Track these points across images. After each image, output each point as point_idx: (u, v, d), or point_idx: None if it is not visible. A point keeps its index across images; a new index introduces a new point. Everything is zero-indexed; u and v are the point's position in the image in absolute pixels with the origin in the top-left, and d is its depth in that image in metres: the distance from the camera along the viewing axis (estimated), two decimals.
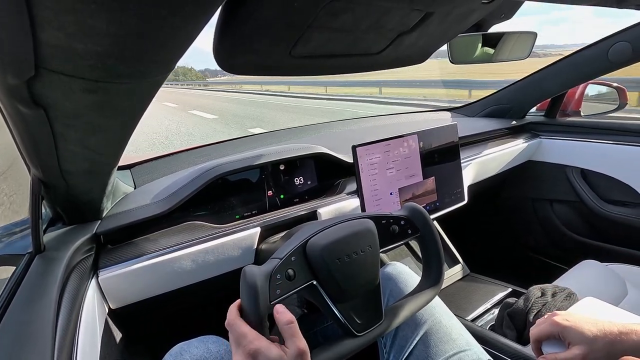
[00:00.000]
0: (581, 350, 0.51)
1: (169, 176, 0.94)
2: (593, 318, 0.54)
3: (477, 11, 0.51)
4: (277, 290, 0.46)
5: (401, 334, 0.65)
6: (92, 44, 0.30)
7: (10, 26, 0.27)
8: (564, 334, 0.53)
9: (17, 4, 0.25)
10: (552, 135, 1.47)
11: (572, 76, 1.30)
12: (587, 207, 1.36)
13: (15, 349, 0.44)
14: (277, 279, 0.47)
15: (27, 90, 0.36)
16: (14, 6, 0.25)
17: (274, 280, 0.46)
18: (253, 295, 0.44)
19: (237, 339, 0.43)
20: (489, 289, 1.16)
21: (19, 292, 0.54)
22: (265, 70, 0.49)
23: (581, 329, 0.52)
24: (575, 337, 0.52)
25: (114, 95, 0.40)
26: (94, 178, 0.64)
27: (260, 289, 0.45)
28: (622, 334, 0.50)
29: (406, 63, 0.61)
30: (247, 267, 0.46)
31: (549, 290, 0.87)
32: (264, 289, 0.45)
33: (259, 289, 0.45)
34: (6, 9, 0.26)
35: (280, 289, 0.47)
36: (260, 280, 0.45)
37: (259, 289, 0.44)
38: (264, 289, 0.45)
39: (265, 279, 0.46)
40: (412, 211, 0.60)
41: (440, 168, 1.08)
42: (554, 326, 0.55)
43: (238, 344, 0.43)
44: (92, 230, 0.71)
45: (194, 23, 0.31)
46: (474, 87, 9.22)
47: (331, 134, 1.34)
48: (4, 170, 1.02)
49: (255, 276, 0.45)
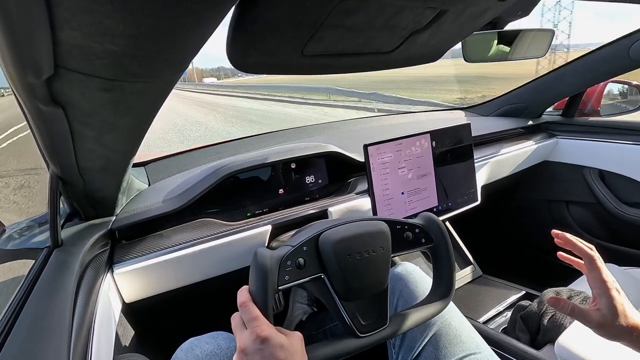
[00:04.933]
0: (603, 319, 0.51)
1: (182, 174, 0.95)
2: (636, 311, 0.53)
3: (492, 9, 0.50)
4: (286, 276, 0.47)
5: (410, 334, 0.65)
6: (108, 43, 0.31)
7: (30, 26, 0.28)
8: (602, 296, 0.53)
9: (38, 4, 0.26)
10: (569, 135, 1.43)
11: (591, 74, 1.26)
12: (605, 209, 1.33)
13: (33, 339, 0.46)
14: (288, 265, 0.47)
15: (46, 89, 0.37)
16: (34, 6, 0.26)
17: (284, 266, 0.47)
18: (262, 276, 0.44)
19: (248, 321, 0.43)
20: (502, 291, 1.14)
21: (37, 285, 0.55)
22: (277, 69, 0.49)
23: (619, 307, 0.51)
24: (609, 308, 0.52)
25: (128, 94, 0.41)
26: (110, 175, 0.65)
27: (270, 271, 0.45)
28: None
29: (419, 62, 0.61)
30: (259, 249, 0.47)
31: (564, 293, 0.85)
32: (273, 272, 0.45)
33: (269, 271, 0.45)
34: (27, 9, 0.26)
35: (290, 275, 0.47)
36: (271, 263, 0.45)
37: (268, 271, 0.45)
38: (273, 272, 0.45)
39: (276, 263, 0.46)
40: (428, 221, 0.60)
41: (453, 168, 1.06)
42: (602, 284, 0.53)
43: (247, 325, 0.43)
44: (108, 226, 0.73)
45: (207, 23, 0.32)
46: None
47: (342, 133, 1.34)
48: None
49: (266, 258, 0.45)
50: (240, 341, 0.42)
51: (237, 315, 0.45)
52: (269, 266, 0.45)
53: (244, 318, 0.44)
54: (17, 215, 3.24)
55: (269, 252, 0.47)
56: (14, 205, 3.49)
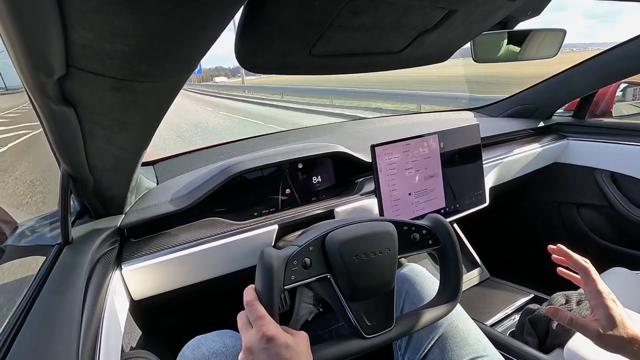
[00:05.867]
0: (602, 330, 0.51)
1: (190, 173, 0.96)
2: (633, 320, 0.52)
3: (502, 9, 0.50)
4: (292, 276, 0.47)
5: (416, 336, 0.65)
6: (119, 43, 0.31)
7: (43, 27, 0.28)
8: (599, 307, 0.53)
9: (50, 5, 0.26)
10: (580, 136, 1.41)
11: (603, 75, 1.24)
12: (617, 212, 1.31)
13: (44, 334, 0.46)
14: (294, 265, 0.47)
15: (58, 88, 0.37)
16: (47, 7, 0.27)
17: (291, 266, 0.47)
18: (268, 275, 0.45)
19: (254, 320, 0.43)
20: (509, 294, 1.13)
21: (48, 281, 0.56)
22: (286, 70, 0.49)
23: (617, 318, 0.51)
24: (606, 319, 0.51)
25: (138, 94, 0.41)
26: (119, 173, 0.66)
27: (276, 270, 0.45)
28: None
29: (427, 62, 0.60)
30: (265, 248, 0.47)
31: (574, 297, 0.84)
32: (279, 271, 0.45)
33: (275, 270, 0.45)
34: (40, 10, 0.27)
35: (295, 275, 0.47)
36: (277, 262, 0.46)
37: (275, 270, 0.45)
38: (279, 272, 0.45)
39: (282, 262, 0.46)
40: (435, 222, 0.59)
41: (461, 169, 1.05)
42: (598, 295, 0.53)
43: (253, 324, 0.43)
44: (117, 224, 0.73)
45: (215, 23, 0.32)
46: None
47: (350, 133, 1.33)
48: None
49: (273, 257, 0.46)
50: (246, 340, 0.43)
51: (244, 314, 0.45)
52: (275, 265, 0.45)
53: (250, 317, 0.44)
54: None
55: (275, 251, 0.47)
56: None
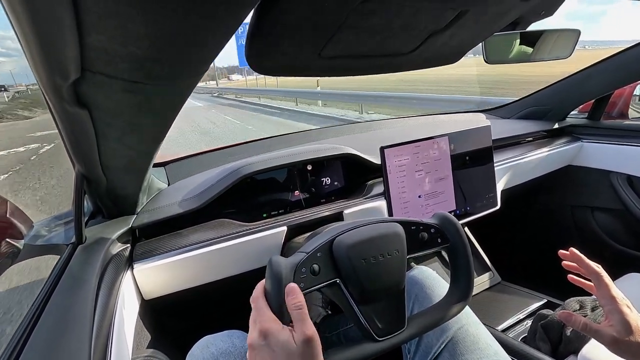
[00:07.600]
0: (617, 336, 0.50)
1: (201, 174, 0.97)
2: None
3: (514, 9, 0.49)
4: (301, 283, 0.47)
5: (426, 339, 0.64)
6: (132, 47, 0.32)
7: (59, 31, 0.29)
8: (613, 312, 0.51)
9: (66, 10, 0.27)
10: (595, 138, 1.38)
11: (619, 75, 1.21)
12: (633, 216, 1.27)
13: (58, 331, 0.47)
14: (302, 272, 0.47)
15: (72, 91, 0.38)
16: (63, 12, 0.27)
17: (299, 273, 0.47)
18: (277, 284, 0.45)
19: (256, 316, 0.44)
20: (521, 298, 1.11)
21: (62, 280, 0.57)
22: (295, 71, 0.49)
23: (633, 324, 0.50)
24: (622, 324, 0.50)
25: (151, 96, 0.42)
26: (131, 174, 0.67)
27: (285, 279, 0.45)
28: None
29: (438, 63, 0.60)
30: (274, 257, 0.47)
31: (588, 303, 0.82)
32: (288, 279, 0.45)
33: (284, 279, 0.45)
34: (56, 15, 0.27)
35: (304, 282, 0.47)
36: (286, 270, 0.46)
37: (283, 279, 0.45)
38: (288, 280, 0.45)
39: (290, 270, 0.46)
40: (443, 220, 0.58)
41: (472, 171, 1.04)
42: (611, 300, 0.52)
43: (255, 320, 0.44)
44: (129, 224, 0.75)
45: (226, 27, 0.32)
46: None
47: (359, 135, 1.33)
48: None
49: (281, 266, 0.46)
50: (248, 338, 0.43)
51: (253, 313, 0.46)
52: (284, 274, 0.45)
53: (253, 313, 0.45)
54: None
55: (284, 260, 0.47)
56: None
